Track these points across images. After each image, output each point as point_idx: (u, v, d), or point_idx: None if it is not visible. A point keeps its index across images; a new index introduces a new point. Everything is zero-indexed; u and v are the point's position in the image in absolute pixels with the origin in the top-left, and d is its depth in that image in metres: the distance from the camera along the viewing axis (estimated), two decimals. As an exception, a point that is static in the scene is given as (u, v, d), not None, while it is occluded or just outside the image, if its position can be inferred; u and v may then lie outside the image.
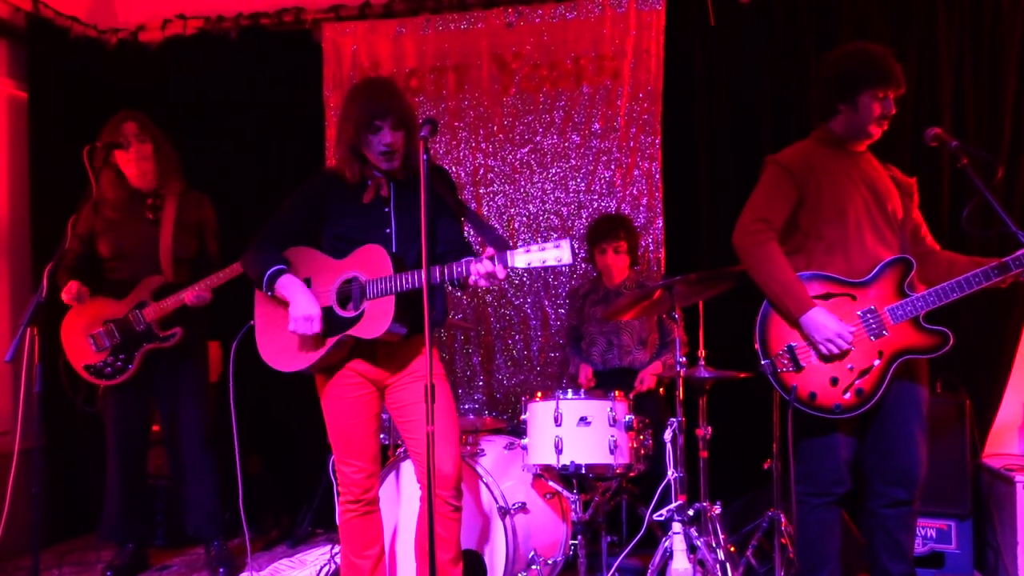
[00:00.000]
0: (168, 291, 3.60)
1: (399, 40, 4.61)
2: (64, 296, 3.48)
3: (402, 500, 3.30)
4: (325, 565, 3.63)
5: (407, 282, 2.59)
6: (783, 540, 3.15)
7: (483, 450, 3.46)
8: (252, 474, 4.48)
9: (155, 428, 4.05)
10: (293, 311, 2.65)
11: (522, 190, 4.50)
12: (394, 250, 2.74)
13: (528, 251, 2.45)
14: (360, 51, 4.65)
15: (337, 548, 3.64)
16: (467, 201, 4.49)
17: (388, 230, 2.76)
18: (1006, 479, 3.60)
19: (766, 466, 3.19)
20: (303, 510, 4.36)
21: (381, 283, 2.63)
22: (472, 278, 2.52)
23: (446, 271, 2.56)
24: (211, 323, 3.89)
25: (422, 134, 2.51)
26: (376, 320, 2.63)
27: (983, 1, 3.98)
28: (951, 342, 2.68)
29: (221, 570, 3.72)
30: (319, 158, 4.69)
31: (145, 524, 3.92)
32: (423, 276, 2.38)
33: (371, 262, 2.67)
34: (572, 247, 2.43)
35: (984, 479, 3.77)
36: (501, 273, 2.50)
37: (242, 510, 3.29)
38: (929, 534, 3.61)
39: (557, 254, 2.41)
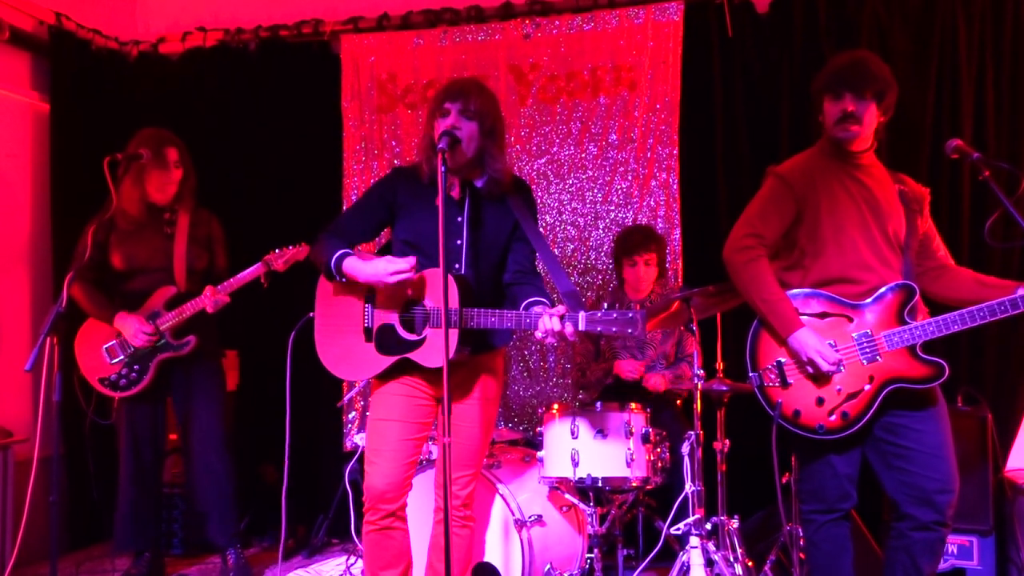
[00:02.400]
0: (181, 301, 3.62)
1: (417, 51, 4.63)
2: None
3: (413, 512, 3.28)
4: (341, 576, 3.63)
5: (473, 321, 2.52)
6: (801, 555, 3.13)
7: (499, 462, 3.45)
8: (268, 483, 4.49)
9: (172, 436, 4.07)
10: (379, 276, 2.53)
11: (539, 201, 4.49)
12: (463, 265, 2.65)
13: (599, 316, 2.39)
14: (378, 63, 4.68)
15: (353, 559, 3.65)
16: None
17: (459, 241, 2.66)
18: (1029, 495, 3.55)
19: (783, 480, 3.16)
20: (319, 520, 4.36)
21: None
22: (539, 334, 2.45)
23: (515, 319, 2.50)
24: (223, 333, 3.91)
25: (440, 146, 2.51)
26: (438, 350, 2.53)
27: (1004, 13, 3.95)
28: (946, 374, 2.60)
29: (239, 580, 3.73)
30: (337, 168, 4.71)
31: (160, 533, 3.93)
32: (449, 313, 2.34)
33: (438, 288, 2.54)
34: (644, 320, 2.38)
35: (1007, 495, 3.71)
36: (571, 334, 2.42)
37: (284, 517, 3.36)
38: (951, 550, 3.56)
39: (628, 326, 2.37)
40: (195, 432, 3.76)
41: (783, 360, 2.73)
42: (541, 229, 4.44)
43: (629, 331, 2.36)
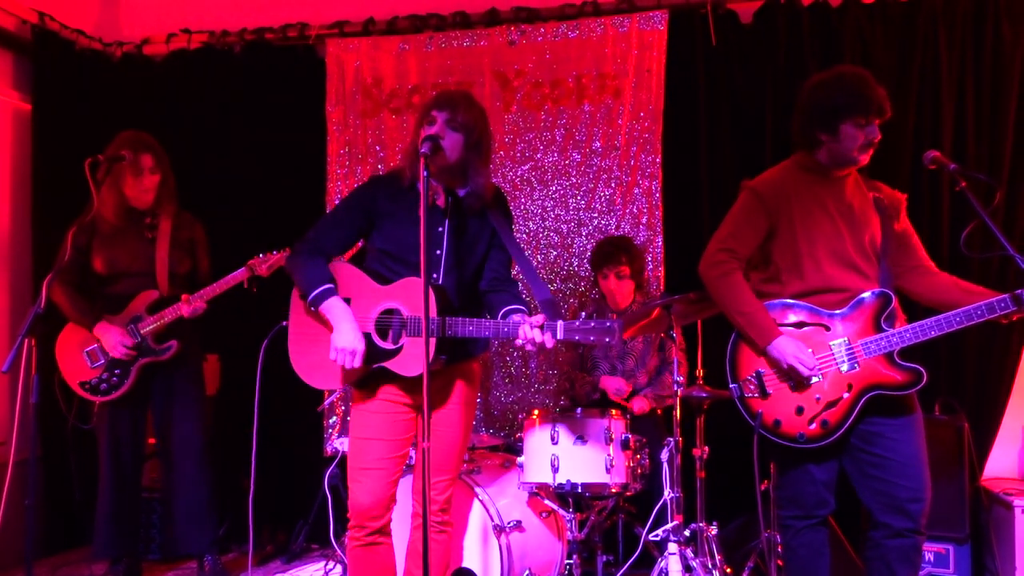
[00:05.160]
0: (163, 306, 3.60)
1: (402, 56, 4.64)
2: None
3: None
4: (319, 581, 3.61)
5: (451, 330, 2.52)
6: (779, 561, 3.14)
7: (479, 467, 3.45)
8: (247, 489, 4.46)
9: (151, 441, 4.04)
10: (337, 341, 2.56)
11: (522, 207, 4.50)
12: (441, 275, 2.66)
13: (578, 325, 2.40)
14: (363, 67, 4.68)
15: (332, 565, 3.63)
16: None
17: (439, 251, 2.67)
18: (1005, 503, 3.58)
19: (763, 487, 3.17)
20: (298, 525, 4.34)
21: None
22: (519, 342, 2.46)
23: (492, 328, 2.51)
24: (206, 337, 3.89)
25: (423, 151, 2.50)
26: (415, 359, 2.56)
27: (984, 26, 3.99)
28: (924, 380, 2.63)
29: (216, 586, 3.70)
30: (320, 172, 4.70)
31: (138, 539, 3.90)
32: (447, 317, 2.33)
33: (415, 297, 2.56)
34: (621, 330, 2.40)
35: (983, 503, 3.75)
36: (549, 344, 2.43)
37: (251, 523, 3.31)
38: (927, 558, 3.59)
39: (605, 335, 2.38)
40: (174, 438, 3.74)
41: (762, 371, 2.74)
42: (524, 235, 4.47)
43: (607, 340, 2.38)
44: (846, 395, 2.67)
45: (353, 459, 2.70)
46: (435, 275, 2.66)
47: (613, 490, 3.26)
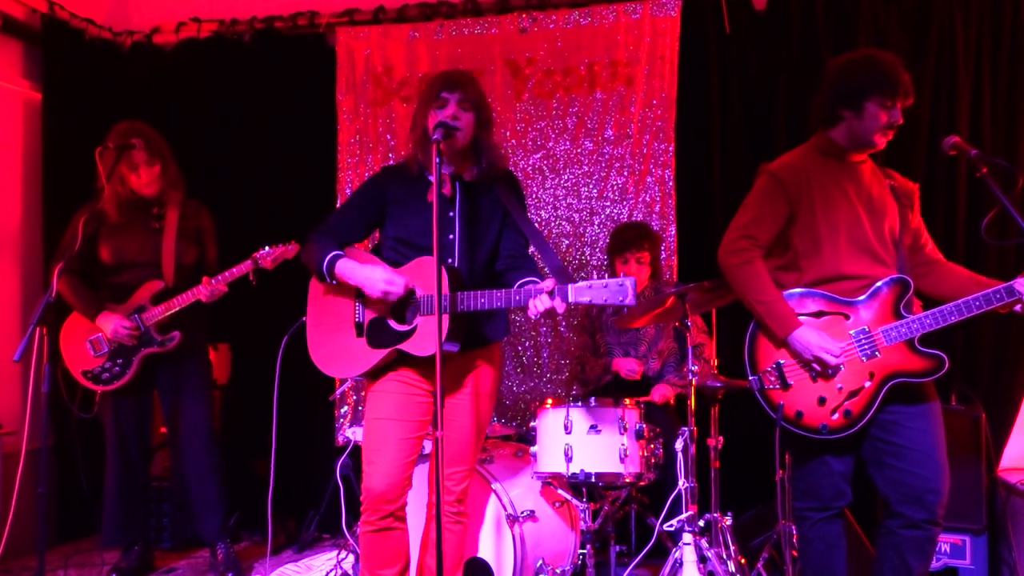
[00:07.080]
0: (167, 296, 3.59)
1: (412, 45, 4.61)
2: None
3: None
4: (331, 571, 3.60)
5: (462, 304, 2.49)
6: (794, 552, 3.12)
7: (492, 457, 3.43)
8: (259, 477, 4.47)
9: (163, 430, 4.04)
10: (372, 289, 2.55)
11: (534, 196, 4.48)
12: (456, 260, 2.64)
13: (590, 286, 2.35)
14: (373, 55, 4.65)
15: (344, 554, 3.62)
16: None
17: (451, 236, 2.65)
18: (1022, 494, 3.55)
19: (777, 477, 3.15)
20: (310, 515, 4.34)
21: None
22: (531, 312, 2.41)
23: (503, 297, 2.46)
24: (212, 328, 3.87)
25: (435, 138, 2.48)
26: (429, 338, 2.54)
27: (1002, 10, 3.95)
28: (946, 367, 2.59)
29: (229, 574, 3.69)
30: (331, 161, 4.69)
31: (148, 527, 3.90)
32: (474, 300, 2.37)
33: (429, 276, 2.54)
34: (634, 288, 2.33)
35: (999, 494, 3.71)
36: (560, 308, 2.39)
37: (270, 512, 3.33)
38: (943, 549, 3.56)
39: (619, 295, 2.32)
40: (182, 427, 3.73)
41: (783, 362, 2.71)
42: (536, 224, 4.42)
43: (620, 299, 2.32)
44: (868, 384, 2.64)
45: (368, 441, 2.66)
46: (450, 260, 2.65)
47: (627, 480, 3.24)
